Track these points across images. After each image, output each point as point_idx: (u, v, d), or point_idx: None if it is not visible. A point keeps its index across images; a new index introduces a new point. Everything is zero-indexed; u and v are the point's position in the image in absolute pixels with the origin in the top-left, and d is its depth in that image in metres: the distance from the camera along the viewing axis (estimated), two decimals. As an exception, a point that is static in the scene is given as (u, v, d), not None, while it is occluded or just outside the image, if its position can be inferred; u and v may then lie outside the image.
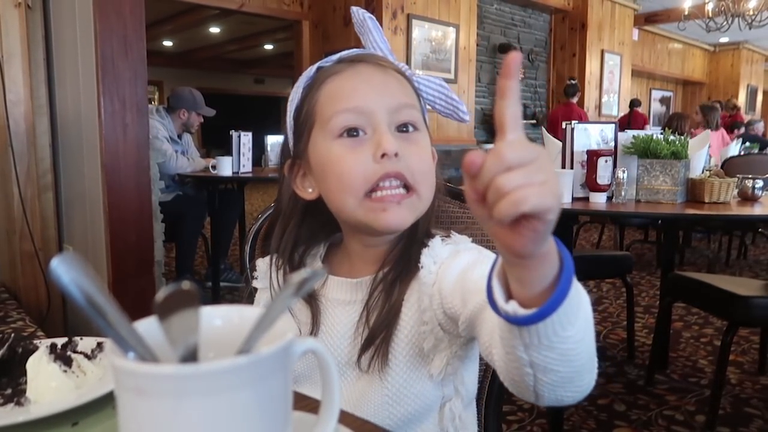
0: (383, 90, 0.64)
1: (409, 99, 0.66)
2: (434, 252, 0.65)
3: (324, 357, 0.40)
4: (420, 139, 0.66)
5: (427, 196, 0.66)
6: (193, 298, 0.29)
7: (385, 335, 0.64)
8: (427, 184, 0.65)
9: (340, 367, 0.67)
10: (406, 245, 0.68)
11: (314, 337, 0.69)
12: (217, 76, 11.85)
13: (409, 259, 0.66)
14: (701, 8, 6.87)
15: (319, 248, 0.74)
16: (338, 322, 0.68)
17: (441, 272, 0.63)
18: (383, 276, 0.67)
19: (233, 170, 3.18)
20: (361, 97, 0.63)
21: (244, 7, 5.29)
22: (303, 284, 0.32)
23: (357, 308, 0.68)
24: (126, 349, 0.31)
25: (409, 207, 0.64)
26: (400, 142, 0.63)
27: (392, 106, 0.63)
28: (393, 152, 0.61)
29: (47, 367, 0.52)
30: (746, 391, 2.19)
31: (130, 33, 2.02)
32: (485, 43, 6.82)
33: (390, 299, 0.65)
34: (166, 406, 0.29)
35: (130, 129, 2.04)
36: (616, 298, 3.49)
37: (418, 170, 0.63)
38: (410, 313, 0.65)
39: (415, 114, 0.65)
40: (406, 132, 0.64)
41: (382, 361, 0.64)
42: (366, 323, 0.65)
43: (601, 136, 1.86)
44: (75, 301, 0.28)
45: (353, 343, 0.67)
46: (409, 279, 0.66)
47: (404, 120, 0.64)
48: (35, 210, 2.11)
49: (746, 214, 1.78)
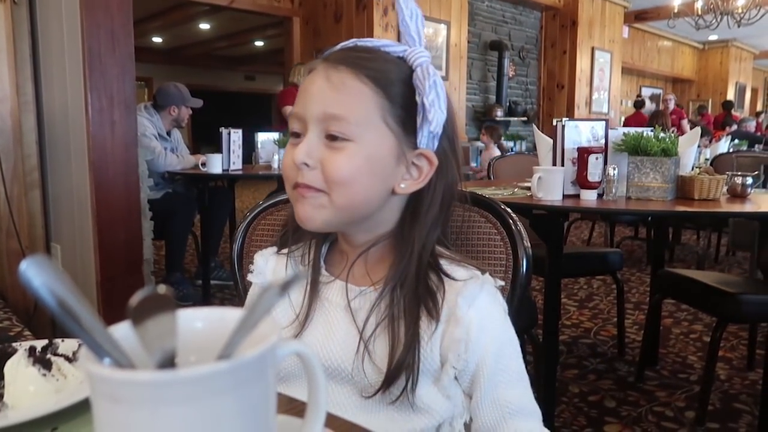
0: (315, 97, 0.63)
1: (342, 108, 0.62)
2: (469, 294, 0.64)
3: (310, 360, 0.39)
4: (346, 147, 0.62)
5: (342, 202, 0.63)
6: (168, 302, 0.28)
7: (414, 366, 0.63)
8: (343, 194, 0.63)
9: (329, 371, 0.66)
10: (400, 256, 0.67)
11: (303, 332, 0.69)
12: (207, 72, 11.78)
13: (416, 285, 0.65)
14: (691, 6, 6.91)
15: (323, 247, 0.74)
16: (335, 326, 0.68)
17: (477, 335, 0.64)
18: (382, 298, 0.65)
19: (223, 168, 3.16)
20: (300, 103, 0.65)
21: (235, 4, 5.26)
22: (285, 287, 0.31)
23: (358, 318, 0.67)
24: (101, 355, 0.30)
25: (314, 204, 0.63)
26: (323, 150, 0.62)
27: (318, 114, 0.62)
28: (299, 161, 0.62)
29: (25, 371, 0.51)
30: (735, 387, 2.21)
31: (118, 28, 1.99)
32: (476, 40, 6.82)
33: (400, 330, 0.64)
34: (142, 413, 0.28)
35: (118, 126, 2.02)
36: (607, 294, 3.51)
37: (331, 178, 0.62)
38: (431, 345, 0.64)
39: (345, 125, 0.62)
40: (334, 140, 0.62)
41: (411, 393, 0.63)
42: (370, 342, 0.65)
43: (591, 134, 1.85)
44: (46, 306, 0.27)
45: (351, 356, 0.65)
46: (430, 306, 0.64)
47: (330, 131, 0.62)
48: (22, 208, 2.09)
49: (736, 211, 1.79)
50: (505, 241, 0.80)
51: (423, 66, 0.64)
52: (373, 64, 0.64)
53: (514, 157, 2.92)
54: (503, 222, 0.80)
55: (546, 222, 1.73)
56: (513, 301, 0.78)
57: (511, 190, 1.92)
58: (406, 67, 0.65)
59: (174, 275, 3.31)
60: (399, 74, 0.65)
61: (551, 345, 1.84)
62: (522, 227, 0.80)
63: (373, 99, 0.63)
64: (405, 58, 0.66)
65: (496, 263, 0.79)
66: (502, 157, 2.90)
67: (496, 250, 0.80)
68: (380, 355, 0.64)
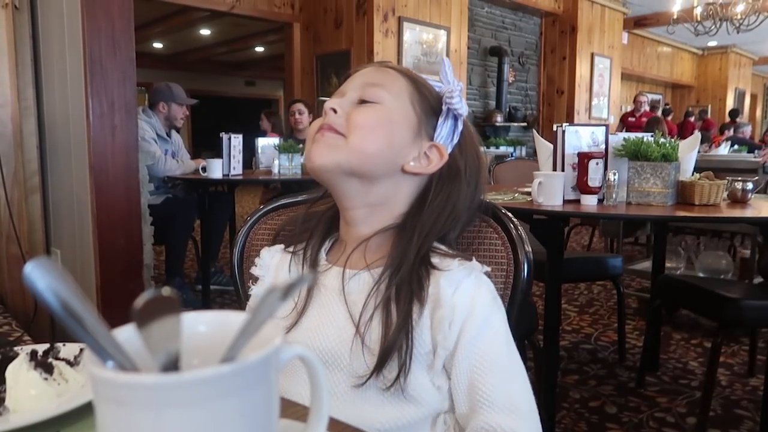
0: (360, 75, 0.74)
1: (378, 80, 0.72)
2: (452, 275, 0.66)
3: (313, 363, 0.39)
4: (374, 106, 0.70)
5: (358, 148, 0.68)
6: (173, 305, 0.28)
7: (400, 354, 0.63)
8: (360, 136, 0.69)
9: (324, 358, 0.67)
10: (399, 245, 0.69)
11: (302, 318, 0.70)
12: (207, 78, 11.80)
13: (409, 275, 0.66)
14: (690, 12, 6.92)
15: (326, 242, 0.77)
16: (330, 311, 0.69)
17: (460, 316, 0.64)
18: (380, 284, 0.67)
19: (223, 173, 3.16)
20: (344, 83, 0.74)
21: (235, 9, 5.27)
22: (288, 290, 0.31)
23: (350, 301, 0.68)
24: (105, 358, 0.30)
25: (329, 143, 0.69)
26: (353, 107, 0.71)
27: (358, 84, 0.72)
28: (330, 107, 0.69)
29: (27, 375, 0.51)
30: (736, 393, 2.20)
31: (119, 34, 2.00)
32: (476, 46, 6.84)
33: (393, 314, 0.64)
34: (146, 417, 0.28)
35: (119, 131, 2.02)
36: (607, 300, 3.50)
37: (353, 122, 0.69)
38: (421, 327, 0.65)
39: (377, 92, 0.71)
40: (365, 103, 0.71)
41: (405, 377, 0.63)
42: (365, 327, 0.65)
43: (592, 139, 1.86)
44: (50, 308, 0.27)
45: (346, 342, 0.66)
46: (420, 293, 0.66)
47: (363, 96, 0.71)
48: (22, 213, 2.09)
49: (736, 216, 1.79)
50: (506, 246, 0.80)
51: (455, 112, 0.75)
52: (414, 74, 0.76)
53: (514, 162, 2.93)
54: (504, 227, 0.80)
55: (546, 227, 1.73)
56: (514, 306, 0.78)
57: (512, 195, 1.92)
58: (439, 95, 0.75)
59: (174, 280, 3.31)
60: (432, 91, 0.75)
61: (552, 350, 1.84)
62: (523, 232, 0.80)
63: (407, 87, 0.73)
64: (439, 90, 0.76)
65: (497, 268, 0.79)
66: (503, 162, 2.90)
67: (497, 254, 0.80)
68: (375, 339, 0.65)
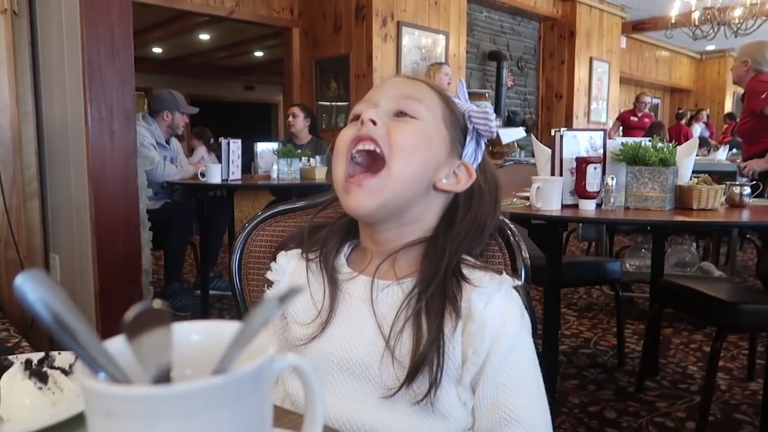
0: (393, 85, 0.73)
1: (415, 93, 0.71)
2: (483, 289, 0.66)
3: (307, 373, 0.39)
4: (413, 122, 0.69)
5: (401, 173, 0.67)
6: (164, 317, 0.28)
7: (431, 368, 0.63)
8: (404, 159, 0.67)
9: (352, 368, 0.66)
10: (430, 262, 0.68)
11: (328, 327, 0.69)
12: (206, 82, 11.80)
13: (440, 288, 0.66)
14: (688, 17, 6.94)
15: (344, 247, 0.76)
16: (358, 320, 0.68)
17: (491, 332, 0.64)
18: (410, 299, 0.66)
19: (222, 177, 3.16)
20: (374, 92, 0.73)
21: (234, 14, 5.28)
22: (282, 300, 0.31)
23: (378, 311, 0.67)
24: (96, 370, 0.30)
25: (370, 190, 0.67)
26: (390, 121, 0.69)
27: (394, 95, 0.71)
28: (368, 118, 0.67)
29: (21, 384, 0.51)
30: (736, 397, 2.20)
31: (118, 39, 2.00)
32: (475, 51, 6.85)
33: (424, 328, 0.64)
34: (137, 429, 0.28)
35: (117, 136, 2.02)
36: (606, 304, 3.50)
37: (396, 142, 0.67)
38: (452, 340, 0.65)
39: (416, 105, 0.70)
40: (402, 116, 0.69)
41: (436, 391, 0.63)
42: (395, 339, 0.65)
43: (590, 144, 1.86)
44: (41, 321, 0.27)
45: (375, 352, 0.65)
46: (452, 306, 0.65)
47: (401, 108, 0.70)
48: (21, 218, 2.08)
49: (734, 220, 1.79)
50: (503, 252, 0.80)
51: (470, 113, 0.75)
52: (443, 90, 0.76)
53: (512, 167, 2.93)
54: (501, 233, 0.80)
55: (545, 232, 1.73)
56: (512, 311, 0.78)
57: (510, 200, 1.92)
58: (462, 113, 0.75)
59: (173, 285, 3.31)
60: (458, 108, 0.75)
61: (551, 355, 1.84)
62: (521, 238, 0.80)
63: (439, 103, 0.73)
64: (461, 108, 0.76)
65: (495, 274, 0.79)
66: (501, 167, 2.90)
67: (494, 260, 0.80)
68: (405, 353, 0.64)
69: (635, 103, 7.01)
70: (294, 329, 0.72)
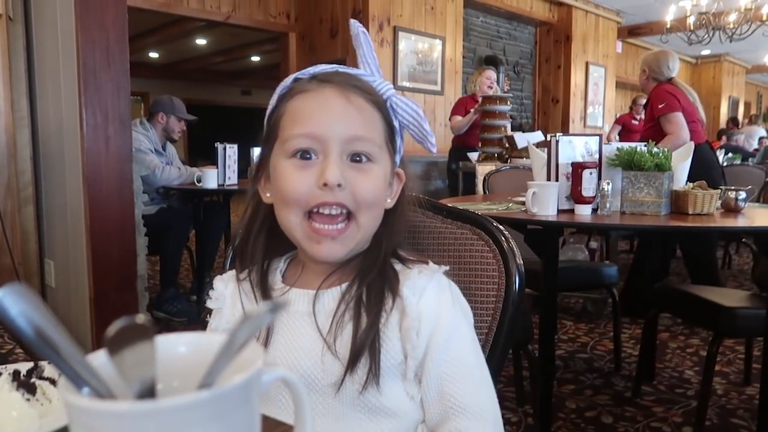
0: (341, 118, 0.64)
1: (367, 130, 0.65)
2: (414, 284, 0.66)
3: (296, 386, 0.39)
4: (372, 169, 0.66)
5: (368, 226, 0.67)
6: (146, 331, 0.28)
7: (372, 352, 0.63)
8: (371, 214, 0.67)
9: (304, 383, 0.66)
10: (368, 259, 0.69)
11: (268, 347, 0.67)
12: (203, 87, 11.81)
13: (378, 275, 0.67)
14: (683, 21, 6.97)
15: (279, 262, 0.74)
16: (298, 334, 0.66)
17: (428, 325, 0.64)
18: (351, 289, 0.66)
19: (219, 182, 3.16)
20: (317, 123, 0.64)
21: (231, 19, 5.28)
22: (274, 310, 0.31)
23: (320, 320, 0.66)
24: (80, 385, 0.29)
25: (344, 241, 0.66)
26: (349, 171, 0.64)
27: (346, 136, 0.64)
28: (335, 183, 0.62)
29: (8, 396, 0.50)
30: (732, 402, 2.20)
31: (113, 44, 2.00)
32: (471, 55, 6.87)
33: (363, 315, 0.64)
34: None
35: (113, 142, 2.02)
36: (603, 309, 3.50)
37: (362, 199, 0.65)
38: (391, 335, 0.65)
39: (370, 146, 0.65)
40: (359, 162, 0.65)
41: (374, 381, 0.63)
42: (335, 337, 0.64)
43: (585, 149, 1.86)
44: (23, 336, 0.27)
45: (317, 359, 0.65)
46: (384, 300, 0.65)
47: (357, 150, 0.65)
48: (15, 223, 2.08)
49: (729, 225, 1.79)
50: (497, 259, 0.80)
51: (392, 99, 0.70)
52: (372, 90, 0.68)
53: (508, 172, 2.93)
54: (495, 239, 0.80)
55: (541, 237, 1.73)
56: (505, 318, 0.77)
57: (506, 205, 1.92)
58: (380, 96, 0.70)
59: (168, 291, 3.29)
60: (378, 93, 0.69)
61: (547, 360, 1.83)
62: (514, 244, 0.80)
63: (381, 122, 0.68)
64: (376, 88, 0.69)
65: (488, 280, 0.79)
66: (497, 172, 2.90)
67: (488, 267, 0.80)
68: (346, 342, 0.64)
69: (632, 106, 7.03)
70: None
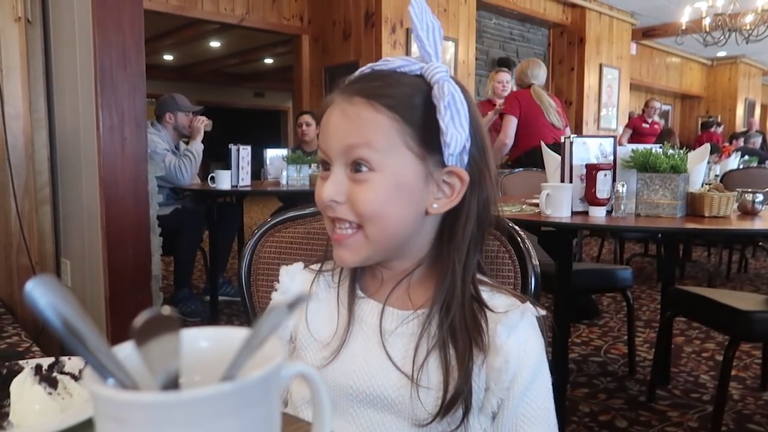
0: (334, 131, 0.64)
1: (361, 136, 0.62)
2: (508, 321, 0.64)
3: (315, 381, 0.39)
4: (370, 179, 0.62)
5: (377, 235, 0.64)
6: (172, 323, 0.28)
7: (469, 392, 0.62)
8: (377, 225, 0.63)
9: (370, 400, 0.65)
10: (442, 277, 0.66)
11: (341, 352, 0.67)
12: (217, 89, 11.90)
13: (462, 308, 0.64)
14: (698, 23, 6.91)
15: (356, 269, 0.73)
16: (372, 351, 0.66)
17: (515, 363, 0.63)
18: (430, 320, 0.65)
19: (232, 184, 3.18)
20: (323, 139, 0.66)
21: (245, 22, 5.32)
22: (291, 307, 0.31)
23: (391, 339, 0.65)
24: (105, 376, 0.30)
25: (351, 248, 0.65)
26: (350, 184, 0.63)
27: (340, 147, 0.63)
28: (328, 200, 0.63)
29: (31, 390, 0.51)
30: (749, 407, 2.17)
31: (129, 47, 2.02)
32: (484, 57, 6.85)
33: (451, 352, 0.63)
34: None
35: (129, 143, 2.04)
36: (617, 312, 3.47)
37: (363, 212, 0.63)
38: (476, 369, 0.64)
39: (367, 152, 0.61)
40: (359, 172, 0.63)
41: (465, 419, 0.62)
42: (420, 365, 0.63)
43: (600, 150, 1.85)
44: (51, 326, 0.27)
45: (389, 381, 0.64)
46: (477, 337, 0.64)
47: (355, 158, 0.62)
48: (32, 224, 2.10)
49: (746, 228, 1.77)
50: (513, 259, 0.79)
51: (440, 83, 0.62)
52: (388, 91, 0.63)
53: (522, 174, 2.92)
54: (511, 240, 0.80)
55: (554, 239, 1.72)
56: (521, 319, 0.77)
57: (520, 207, 1.91)
58: (425, 84, 0.64)
59: (182, 291, 3.32)
60: (418, 94, 0.63)
61: (561, 363, 1.82)
62: (530, 245, 0.80)
63: (392, 126, 0.62)
64: (423, 75, 0.64)
65: (504, 281, 0.79)
66: (511, 173, 2.90)
67: (504, 267, 0.79)
68: (432, 383, 0.63)
69: (644, 109, 6.98)
70: (304, 356, 0.69)
